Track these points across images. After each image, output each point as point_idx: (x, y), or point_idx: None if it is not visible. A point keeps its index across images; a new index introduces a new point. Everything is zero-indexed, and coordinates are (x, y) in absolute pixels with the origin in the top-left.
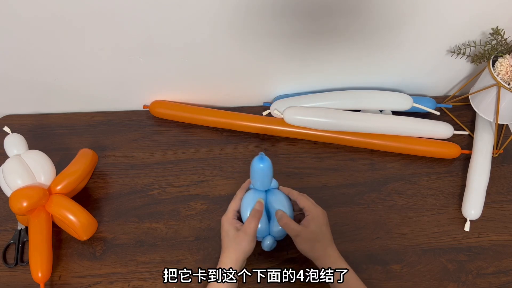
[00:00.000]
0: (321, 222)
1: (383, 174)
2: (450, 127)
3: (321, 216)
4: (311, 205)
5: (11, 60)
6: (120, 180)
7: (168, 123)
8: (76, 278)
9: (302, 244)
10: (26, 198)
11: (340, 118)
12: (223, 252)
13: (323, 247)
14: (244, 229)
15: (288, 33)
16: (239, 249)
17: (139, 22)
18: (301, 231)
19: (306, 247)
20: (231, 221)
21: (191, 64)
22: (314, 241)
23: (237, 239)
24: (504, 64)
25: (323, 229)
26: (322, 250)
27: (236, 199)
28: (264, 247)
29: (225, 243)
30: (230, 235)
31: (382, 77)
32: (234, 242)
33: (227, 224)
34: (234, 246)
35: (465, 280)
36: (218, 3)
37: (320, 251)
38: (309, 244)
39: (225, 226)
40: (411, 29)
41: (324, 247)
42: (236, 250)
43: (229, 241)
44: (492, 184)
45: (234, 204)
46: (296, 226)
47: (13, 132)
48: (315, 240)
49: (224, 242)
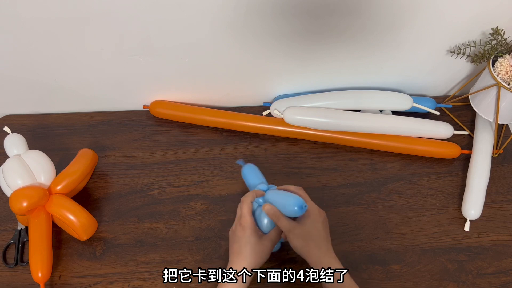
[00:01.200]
0: (316, 220)
1: (383, 174)
2: (450, 127)
3: (317, 213)
4: (307, 200)
5: (11, 60)
6: (120, 180)
7: (168, 123)
8: (76, 278)
9: (295, 240)
10: (26, 198)
11: (340, 118)
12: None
13: (317, 246)
14: (270, 238)
15: (288, 33)
16: (260, 258)
17: (139, 22)
18: (294, 227)
19: (298, 243)
20: (254, 227)
21: (191, 64)
22: (307, 238)
23: (261, 246)
24: (504, 64)
25: (318, 227)
26: (316, 249)
27: (248, 203)
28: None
29: (245, 250)
30: (252, 242)
31: (382, 77)
32: (256, 249)
33: (250, 230)
34: (255, 254)
35: (465, 280)
36: (218, 3)
37: (313, 249)
38: (302, 241)
39: (247, 231)
40: (411, 29)
41: (318, 246)
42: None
43: (251, 249)
44: (492, 184)
45: (247, 209)
46: (287, 222)
47: (13, 132)
48: (308, 237)
49: (242, 249)
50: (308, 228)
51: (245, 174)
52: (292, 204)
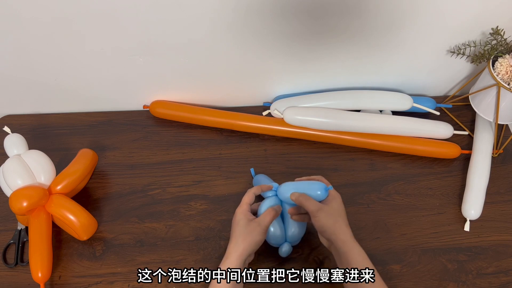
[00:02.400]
0: (340, 201)
1: (383, 174)
2: (450, 127)
3: (338, 196)
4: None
5: (11, 60)
6: (120, 180)
7: (168, 123)
8: (76, 278)
9: (325, 218)
10: (26, 198)
11: (340, 118)
12: (231, 242)
13: (345, 223)
14: (258, 220)
15: (288, 33)
16: (249, 239)
17: (139, 22)
18: (323, 206)
19: (329, 221)
20: (245, 212)
21: (191, 64)
22: (336, 216)
23: (248, 228)
24: (504, 64)
25: (343, 207)
26: (345, 226)
27: (250, 193)
28: (281, 254)
29: (235, 232)
30: (241, 224)
31: (382, 77)
32: (245, 231)
33: (240, 214)
34: (244, 235)
35: (465, 280)
36: (218, 3)
37: (343, 226)
38: (332, 219)
39: (237, 216)
40: (411, 29)
41: (345, 224)
42: (245, 240)
43: (240, 230)
44: (492, 184)
45: (247, 198)
46: (316, 202)
47: (13, 132)
48: (337, 215)
49: (234, 231)
50: (336, 207)
51: (258, 180)
52: (315, 189)
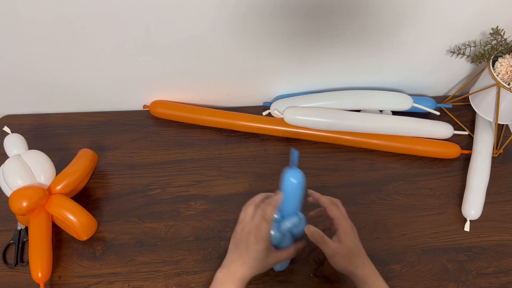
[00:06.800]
0: (354, 236)
1: (383, 174)
2: (450, 127)
3: (353, 229)
4: (342, 218)
5: (11, 60)
6: (120, 180)
7: (168, 123)
8: (76, 278)
9: (341, 262)
10: (26, 198)
11: (340, 118)
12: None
13: (362, 261)
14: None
15: (288, 33)
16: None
17: (139, 22)
18: (337, 248)
19: (344, 264)
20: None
21: (191, 64)
22: (351, 257)
23: (266, 263)
24: (504, 64)
25: (357, 243)
26: (361, 266)
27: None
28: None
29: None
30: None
31: (382, 77)
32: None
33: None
34: (260, 267)
35: (465, 280)
36: (218, 3)
37: (359, 267)
38: (348, 262)
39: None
40: (411, 29)
41: (362, 261)
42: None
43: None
44: (492, 184)
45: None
46: (332, 244)
47: (13, 132)
48: (352, 256)
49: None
50: (350, 246)
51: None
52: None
